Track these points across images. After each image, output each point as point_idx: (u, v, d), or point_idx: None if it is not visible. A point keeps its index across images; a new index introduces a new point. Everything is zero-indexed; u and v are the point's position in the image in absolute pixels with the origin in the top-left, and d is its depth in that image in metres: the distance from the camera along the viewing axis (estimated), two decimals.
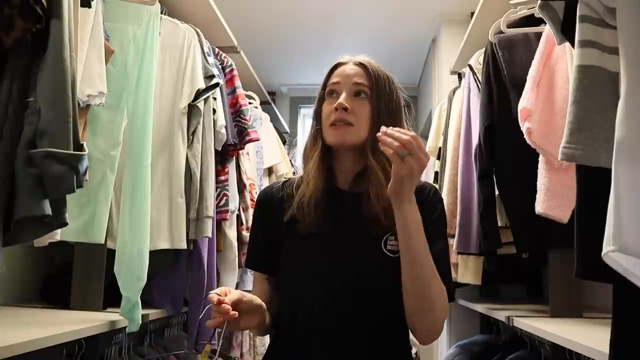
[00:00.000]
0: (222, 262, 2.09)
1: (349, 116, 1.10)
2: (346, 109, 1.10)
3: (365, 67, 1.15)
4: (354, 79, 1.13)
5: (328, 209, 1.12)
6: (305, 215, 1.10)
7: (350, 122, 1.10)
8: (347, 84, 1.13)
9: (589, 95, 0.79)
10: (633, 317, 0.77)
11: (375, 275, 1.08)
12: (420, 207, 1.05)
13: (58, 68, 1.03)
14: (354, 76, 1.14)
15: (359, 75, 1.14)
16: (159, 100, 1.72)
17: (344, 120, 1.10)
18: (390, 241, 1.09)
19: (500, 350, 1.90)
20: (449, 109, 2.41)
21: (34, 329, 1.18)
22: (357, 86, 1.13)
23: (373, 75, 1.14)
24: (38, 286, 1.80)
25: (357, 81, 1.13)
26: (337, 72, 1.16)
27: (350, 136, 1.11)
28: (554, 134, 1.42)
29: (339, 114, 1.10)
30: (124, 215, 1.45)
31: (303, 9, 3.23)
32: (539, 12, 0.98)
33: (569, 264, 1.05)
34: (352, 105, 1.11)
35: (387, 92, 1.15)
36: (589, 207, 0.85)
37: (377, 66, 1.17)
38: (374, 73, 1.14)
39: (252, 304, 1.00)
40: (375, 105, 1.12)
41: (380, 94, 1.13)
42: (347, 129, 1.11)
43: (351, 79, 1.13)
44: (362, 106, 1.12)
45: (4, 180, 0.98)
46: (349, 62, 1.17)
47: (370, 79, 1.14)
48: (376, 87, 1.13)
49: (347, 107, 1.10)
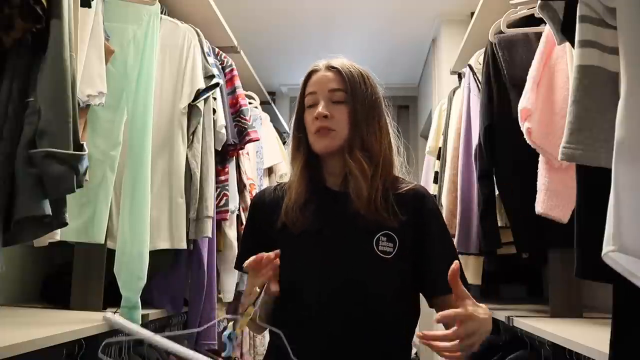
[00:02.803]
0: (222, 262, 2.09)
1: (330, 122, 1.13)
2: (326, 116, 1.13)
3: (338, 71, 1.17)
4: (329, 85, 1.16)
5: (319, 209, 1.14)
6: (294, 219, 1.13)
7: (332, 127, 1.13)
8: (323, 92, 1.16)
9: (589, 95, 0.79)
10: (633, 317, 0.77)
11: (369, 276, 1.09)
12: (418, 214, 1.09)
13: (58, 68, 1.03)
14: (329, 82, 1.16)
15: (333, 81, 1.16)
16: (159, 100, 1.72)
17: (326, 128, 1.13)
18: (382, 242, 1.10)
19: (500, 350, 1.90)
20: (449, 109, 2.41)
21: (34, 329, 1.18)
22: (333, 93, 1.15)
23: (346, 77, 1.16)
24: (38, 286, 1.80)
25: (332, 87, 1.16)
26: (313, 80, 1.19)
27: (334, 141, 1.14)
28: (554, 134, 1.42)
29: (320, 122, 1.13)
30: (124, 215, 1.45)
31: (303, 9, 3.23)
32: (539, 12, 0.98)
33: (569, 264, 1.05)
34: (331, 111, 1.14)
35: (362, 89, 1.17)
36: (589, 207, 0.85)
37: (349, 66, 1.19)
38: (347, 75, 1.16)
39: None
40: (352, 107, 1.15)
41: (355, 94, 1.16)
42: (329, 134, 1.14)
43: (326, 85, 1.16)
44: (341, 110, 1.15)
45: (4, 180, 0.98)
46: (322, 67, 1.19)
47: (344, 82, 1.16)
48: (351, 88, 1.16)
49: (327, 115, 1.13)
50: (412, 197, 1.15)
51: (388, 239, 1.09)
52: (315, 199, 1.14)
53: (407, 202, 1.14)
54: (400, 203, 1.13)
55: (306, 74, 1.21)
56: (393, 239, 1.10)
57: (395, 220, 1.10)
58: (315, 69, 1.20)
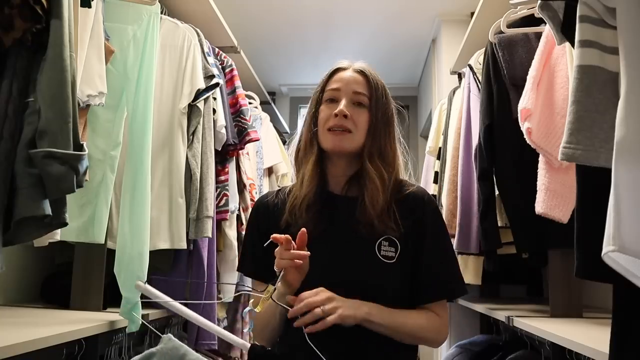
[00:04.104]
0: (222, 262, 2.09)
1: (348, 123, 1.12)
2: (346, 116, 1.12)
3: (366, 76, 1.16)
4: (354, 87, 1.15)
5: (321, 212, 1.13)
6: (298, 218, 1.12)
7: (349, 129, 1.12)
8: (347, 92, 1.15)
9: (589, 95, 0.78)
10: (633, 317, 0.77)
11: (371, 280, 1.09)
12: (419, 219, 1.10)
13: (58, 68, 1.02)
14: (354, 84, 1.15)
15: (359, 84, 1.15)
16: (159, 100, 1.72)
17: (343, 127, 1.12)
18: (384, 246, 1.09)
19: (500, 350, 1.90)
20: (449, 109, 2.41)
21: (34, 329, 1.18)
22: (357, 95, 1.15)
23: (373, 84, 1.16)
24: (38, 286, 1.80)
25: (357, 90, 1.15)
26: (337, 77, 1.17)
27: (348, 143, 1.13)
28: (554, 134, 1.42)
29: (339, 120, 1.12)
30: (124, 215, 1.45)
31: (303, 9, 3.23)
32: (539, 12, 0.98)
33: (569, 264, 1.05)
34: (351, 112, 1.13)
35: (383, 102, 1.17)
36: (589, 207, 0.85)
37: (375, 74, 1.19)
38: (374, 82, 1.16)
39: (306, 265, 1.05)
40: (373, 114, 1.15)
41: (378, 104, 1.15)
42: (345, 136, 1.12)
43: (351, 86, 1.15)
44: (361, 114, 1.14)
45: (4, 180, 0.98)
46: (348, 68, 1.18)
47: (370, 88, 1.15)
48: (375, 96, 1.15)
49: (347, 115, 1.12)
50: (413, 200, 1.15)
51: (390, 243, 1.09)
52: (318, 202, 1.14)
53: (408, 206, 1.14)
54: (402, 207, 1.13)
55: (331, 69, 1.20)
56: (395, 243, 1.10)
57: (397, 225, 1.10)
58: (342, 67, 1.19)
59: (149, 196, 1.48)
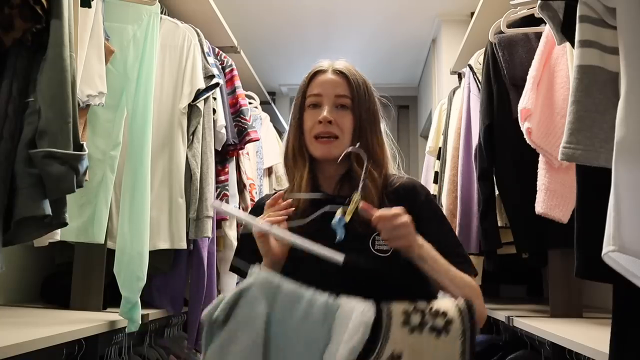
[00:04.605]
0: (222, 262, 2.09)
1: (333, 129, 1.12)
2: (331, 122, 1.11)
3: (346, 77, 1.15)
4: (336, 90, 1.14)
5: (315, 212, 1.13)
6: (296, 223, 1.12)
7: (336, 134, 1.12)
8: (329, 96, 1.14)
9: (589, 95, 0.79)
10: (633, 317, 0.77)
11: (367, 274, 1.08)
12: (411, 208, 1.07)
13: (58, 68, 1.03)
14: (336, 87, 1.14)
15: (340, 86, 1.14)
16: (159, 100, 1.72)
17: (329, 134, 1.12)
18: (378, 241, 1.09)
19: (500, 350, 1.90)
20: (449, 109, 2.41)
21: (34, 329, 1.18)
22: (339, 98, 1.14)
23: (354, 84, 1.15)
24: (38, 286, 1.80)
25: (338, 93, 1.14)
26: (317, 81, 1.16)
27: (336, 149, 1.12)
28: (554, 134, 1.42)
29: (324, 127, 1.12)
30: (124, 216, 1.45)
31: (303, 9, 3.23)
32: (539, 12, 0.98)
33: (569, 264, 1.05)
34: (335, 117, 1.12)
35: (366, 99, 1.16)
36: (589, 207, 0.85)
37: (355, 73, 1.17)
38: (354, 82, 1.15)
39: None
40: (357, 115, 1.14)
41: (361, 103, 1.15)
42: (333, 143, 1.12)
43: (333, 90, 1.14)
44: (345, 117, 1.13)
45: (4, 180, 0.98)
46: (328, 69, 1.17)
47: (352, 89, 1.14)
48: (357, 96, 1.14)
49: (332, 120, 1.11)
50: (404, 191, 1.15)
51: None
52: (314, 205, 1.14)
53: (399, 197, 1.14)
54: (393, 200, 1.13)
55: (310, 73, 1.19)
56: None
57: None
58: (321, 70, 1.18)
59: (149, 196, 1.48)
